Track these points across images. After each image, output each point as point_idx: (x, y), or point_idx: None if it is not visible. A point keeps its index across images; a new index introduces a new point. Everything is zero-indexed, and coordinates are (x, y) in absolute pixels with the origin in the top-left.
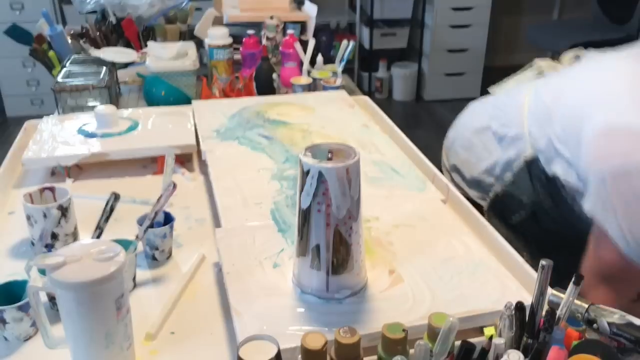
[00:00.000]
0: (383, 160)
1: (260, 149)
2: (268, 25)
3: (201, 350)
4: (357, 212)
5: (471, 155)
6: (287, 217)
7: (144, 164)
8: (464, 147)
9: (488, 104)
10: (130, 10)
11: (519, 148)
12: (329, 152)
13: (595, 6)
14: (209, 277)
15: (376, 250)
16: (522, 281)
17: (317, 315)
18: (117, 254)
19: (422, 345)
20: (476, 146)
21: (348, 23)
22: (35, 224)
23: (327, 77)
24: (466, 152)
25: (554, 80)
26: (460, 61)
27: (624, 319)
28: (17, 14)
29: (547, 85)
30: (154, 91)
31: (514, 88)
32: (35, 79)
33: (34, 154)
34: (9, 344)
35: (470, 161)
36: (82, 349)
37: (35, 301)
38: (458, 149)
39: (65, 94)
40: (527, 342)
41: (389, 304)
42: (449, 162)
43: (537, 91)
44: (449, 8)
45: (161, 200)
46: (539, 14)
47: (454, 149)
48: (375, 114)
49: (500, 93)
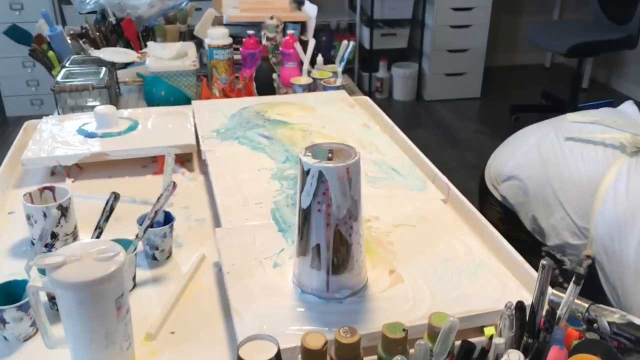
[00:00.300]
0: (383, 160)
1: (260, 148)
2: (268, 25)
3: (201, 350)
4: (357, 212)
5: (527, 208)
6: (287, 216)
7: (144, 164)
8: (523, 191)
9: (563, 156)
10: (130, 10)
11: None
12: (329, 152)
13: (596, 6)
14: (209, 277)
15: (376, 250)
16: (523, 281)
17: (317, 315)
18: (117, 254)
19: (422, 345)
20: (533, 204)
21: (348, 23)
22: (35, 223)
23: (327, 77)
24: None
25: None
26: (460, 61)
27: (625, 318)
28: (17, 14)
29: (628, 195)
30: (154, 91)
31: (593, 154)
32: (35, 79)
33: (34, 154)
34: (9, 344)
35: (525, 213)
36: (82, 349)
37: (35, 301)
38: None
39: (65, 94)
40: (527, 341)
41: (389, 304)
42: (501, 189)
43: (615, 201)
44: (449, 8)
45: (161, 200)
46: (539, 14)
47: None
48: (375, 114)
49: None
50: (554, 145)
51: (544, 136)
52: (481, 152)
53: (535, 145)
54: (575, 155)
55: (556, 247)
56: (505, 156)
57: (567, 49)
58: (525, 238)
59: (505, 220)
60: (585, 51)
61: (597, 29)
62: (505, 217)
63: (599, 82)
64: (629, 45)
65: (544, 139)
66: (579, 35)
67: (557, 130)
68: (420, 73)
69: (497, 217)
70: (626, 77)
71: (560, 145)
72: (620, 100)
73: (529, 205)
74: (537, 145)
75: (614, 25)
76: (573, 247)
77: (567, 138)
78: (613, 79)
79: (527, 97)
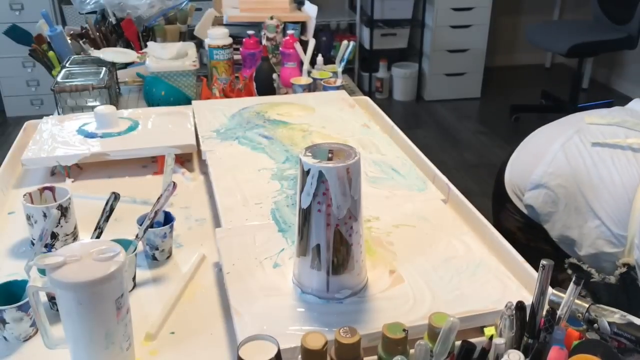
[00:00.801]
0: (383, 160)
1: (260, 149)
2: (268, 25)
3: (201, 350)
4: (357, 212)
5: (557, 218)
6: (288, 217)
7: (144, 164)
8: (550, 199)
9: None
10: (130, 10)
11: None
12: (329, 152)
13: (596, 6)
14: (209, 277)
15: (376, 250)
16: (523, 281)
17: (317, 315)
18: (117, 254)
19: (423, 345)
20: (563, 213)
21: (348, 23)
22: (35, 224)
23: (327, 78)
24: (550, 206)
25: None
26: (460, 61)
27: (625, 318)
28: (17, 14)
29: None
30: (154, 91)
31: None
32: (35, 79)
33: (34, 154)
34: (9, 344)
35: (553, 223)
36: (81, 349)
37: (35, 301)
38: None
39: (65, 94)
40: (527, 342)
41: (390, 304)
42: (517, 188)
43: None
44: (449, 8)
45: (161, 200)
46: (539, 14)
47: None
48: (375, 114)
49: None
50: (581, 151)
51: (568, 141)
52: (481, 152)
53: (561, 152)
54: (605, 161)
55: (589, 256)
56: (529, 163)
57: (567, 49)
58: (547, 249)
59: (525, 229)
60: (585, 51)
61: (597, 29)
62: (525, 226)
63: (599, 82)
64: (629, 45)
65: (569, 145)
66: (579, 35)
67: (579, 134)
68: (420, 73)
69: (517, 226)
70: (626, 77)
71: (588, 152)
72: (620, 100)
73: (559, 214)
74: (563, 152)
75: (614, 25)
76: (608, 256)
77: (594, 144)
78: (613, 79)
79: (527, 97)
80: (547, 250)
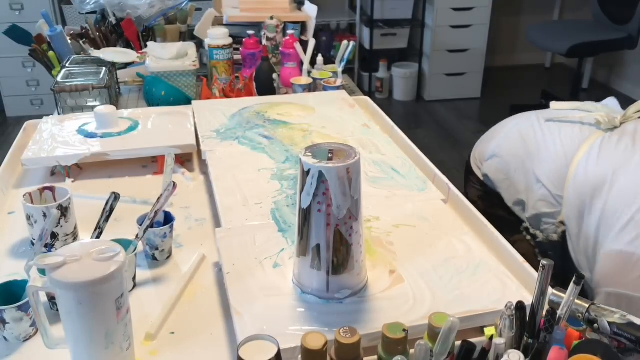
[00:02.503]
0: (383, 160)
1: (260, 149)
2: (268, 25)
3: (201, 351)
4: (357, 212)
5: (508, 184)
6: (288, 217)
7: (144, 164)
8: (503, 172)
9: (538, 132)
10: (130, 10)
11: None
12: (329, 152)
13: (596, 6)
14: (209, 277)
15: (377, 250)
16: (523, 281)
17: (317, 315)
18: (117, 254)
19: (423, 345)
20: (514, 179)
21: (348, 23)
22: (35, 224)
23: (327, 78)
24: (504, 177)
25: (605, 159)
26: (460, 61)
27: (625, 318)
28: (17, 14)
29: (598, 163)
30: (154, 91)
31: (569, 128)
32: (35, 79)
33: (34, 154)
34: (9, 344)
35: (506, 189)
36: (82, 349)
37: (35, 301)
38: (496, 167)
39: (65, 94)
40: (527, 342)
41: (390, 304)
42: (482, 166)
43: (586, 168)
44: (449, 8)
45: (161, 200)
46: (539, 14)
47: (493, 165)
48: (375, 114)
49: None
50: (534, 126)
51: (526, 120)
52: None
53: (516, 127)
54: (553, 132)
55: (533, 217)
56: (489, 139)
57: (567, 49)
58: (504, 215)
59: (485, 198)
60: (585, 51)
61: (597, 29)
62: (485, 195)
63: (599, 82)
64: (629, 45)
65: (524, 121)
66: (579, 35)
67: (538, 114)
68: (420, 73)
69: (478, 195)
70: (626, 77)
71: (540, 126)
72: (620, 100)
73: (510, 181)
74: (517, 127)
75: (614, 25)
76: (549, 216)
77: (547, 119)
78: (613, 79)
79: (527, 97)
80: (505, 217)
